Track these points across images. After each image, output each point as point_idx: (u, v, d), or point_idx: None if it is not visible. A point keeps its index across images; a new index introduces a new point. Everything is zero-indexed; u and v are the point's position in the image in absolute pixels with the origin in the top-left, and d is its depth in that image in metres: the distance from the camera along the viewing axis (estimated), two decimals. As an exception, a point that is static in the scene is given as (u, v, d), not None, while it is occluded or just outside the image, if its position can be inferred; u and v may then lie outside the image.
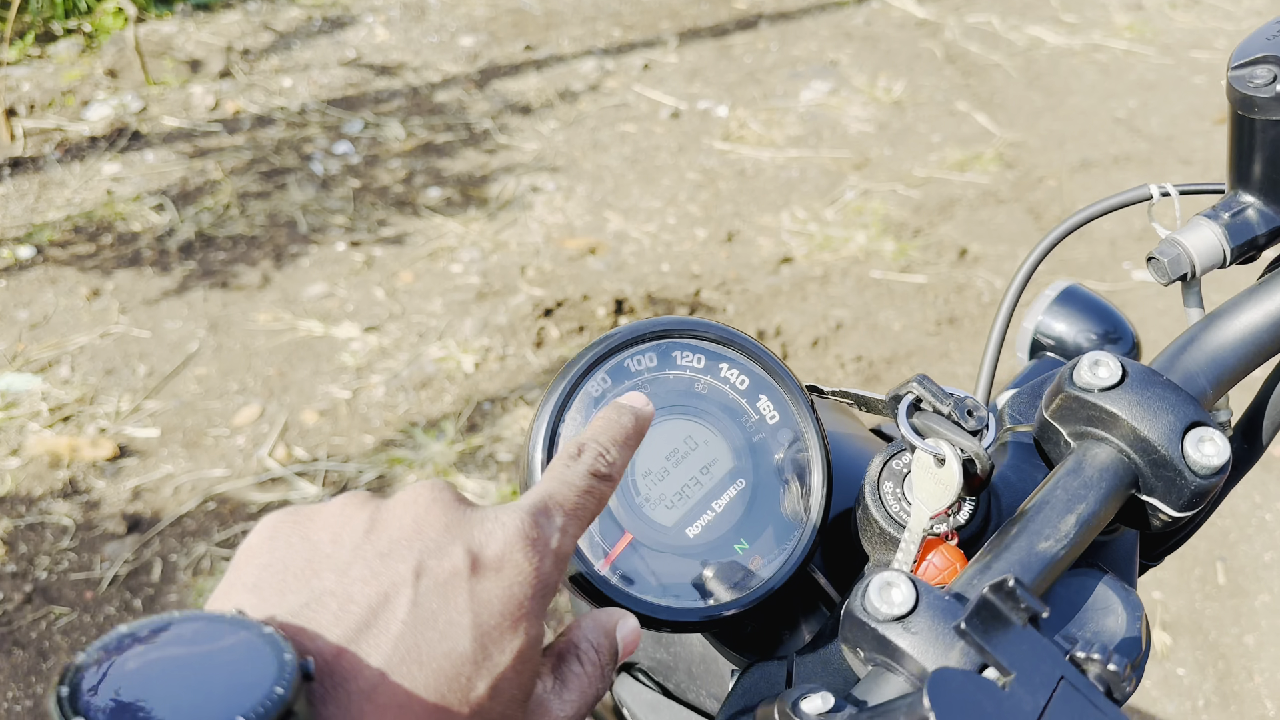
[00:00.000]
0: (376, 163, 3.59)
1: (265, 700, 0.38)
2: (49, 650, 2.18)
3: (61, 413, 2.68)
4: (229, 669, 0.39)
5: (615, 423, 0.56)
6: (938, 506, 0.57)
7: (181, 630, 0.41)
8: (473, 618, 0.45)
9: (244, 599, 0.45)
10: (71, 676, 0.39)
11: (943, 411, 0.57)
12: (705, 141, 3.73)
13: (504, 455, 2.58)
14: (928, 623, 0.48)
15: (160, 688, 0.39)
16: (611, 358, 0.65)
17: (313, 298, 3.04)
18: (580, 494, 0.52)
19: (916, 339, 2.93)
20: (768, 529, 0.65)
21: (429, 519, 0.48)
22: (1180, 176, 3.56)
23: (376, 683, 0.43)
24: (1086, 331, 0.94)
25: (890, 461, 0.63)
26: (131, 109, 3.80)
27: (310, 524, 0.48)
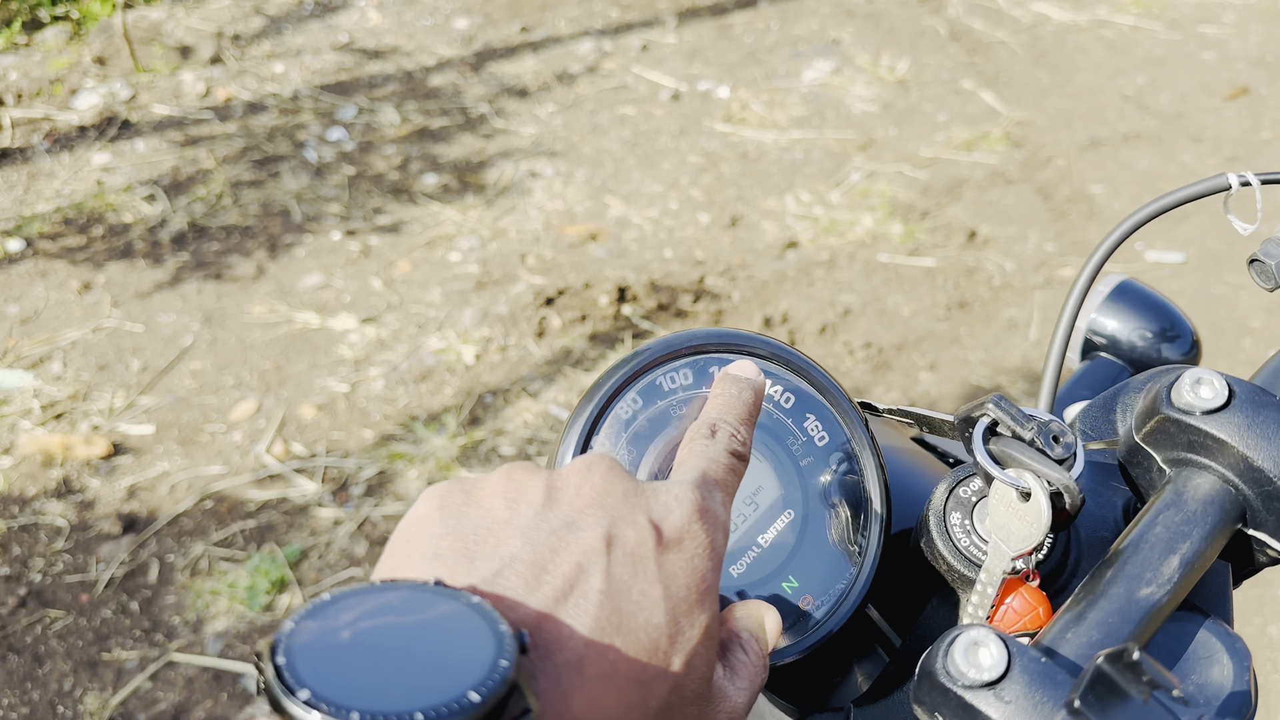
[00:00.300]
0: (371, 149, 3.51)
1: (492, 674, 0.36)
2: (45, 655, 2.13)
3: (54, 410, 2.61)
4: (445, 641, 0.38)
5: (738, 399, 0.55)
6: (1021, 546, 0.51)
7: (386, 599, 0.39)
8: (663, 590, 0.44)
9: (427, 569, 0.43)
10: (283, 647, 0.37)
11: (1024, 437, 0.51)
12: (706, 124, 3.66)
13: (507, 449, 2.52)
14: (1023, 690, 0.43)
15: (379, 660, 0.37)
16: (643, 376, 0.59)
17: (308, 289, 2.98)
18: (726, 471, 0.51)
19: (926, 324, 2.87)
20: (818, 564, 0.59)
21: (608, 489, 0.47)
22: (1192, 155, 3.50)
23: (582, 654, 0.41)
24: (1142, 329, 0.87)
25: (956, 489, 0.57)
26: (121, 97, 3.72)
27: (480, 492, 0.47)
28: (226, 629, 2.16)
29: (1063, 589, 0.57)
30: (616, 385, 0.59)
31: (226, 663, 2.09)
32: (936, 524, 0.57)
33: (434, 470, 2.47)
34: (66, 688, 2.07)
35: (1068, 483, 0.50)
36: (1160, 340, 0.87)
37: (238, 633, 2.15)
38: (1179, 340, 0.87)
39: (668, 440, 0.59)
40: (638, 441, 0.58)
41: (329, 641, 0.37)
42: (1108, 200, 3.30)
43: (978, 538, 0.56)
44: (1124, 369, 0.87)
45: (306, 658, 0.36)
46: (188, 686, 2.06)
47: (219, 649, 2.12)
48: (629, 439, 0.58)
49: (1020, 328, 2.86)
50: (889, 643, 0.61)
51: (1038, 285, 2.99)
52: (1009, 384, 2.69)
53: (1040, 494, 0.50)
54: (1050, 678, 0.43)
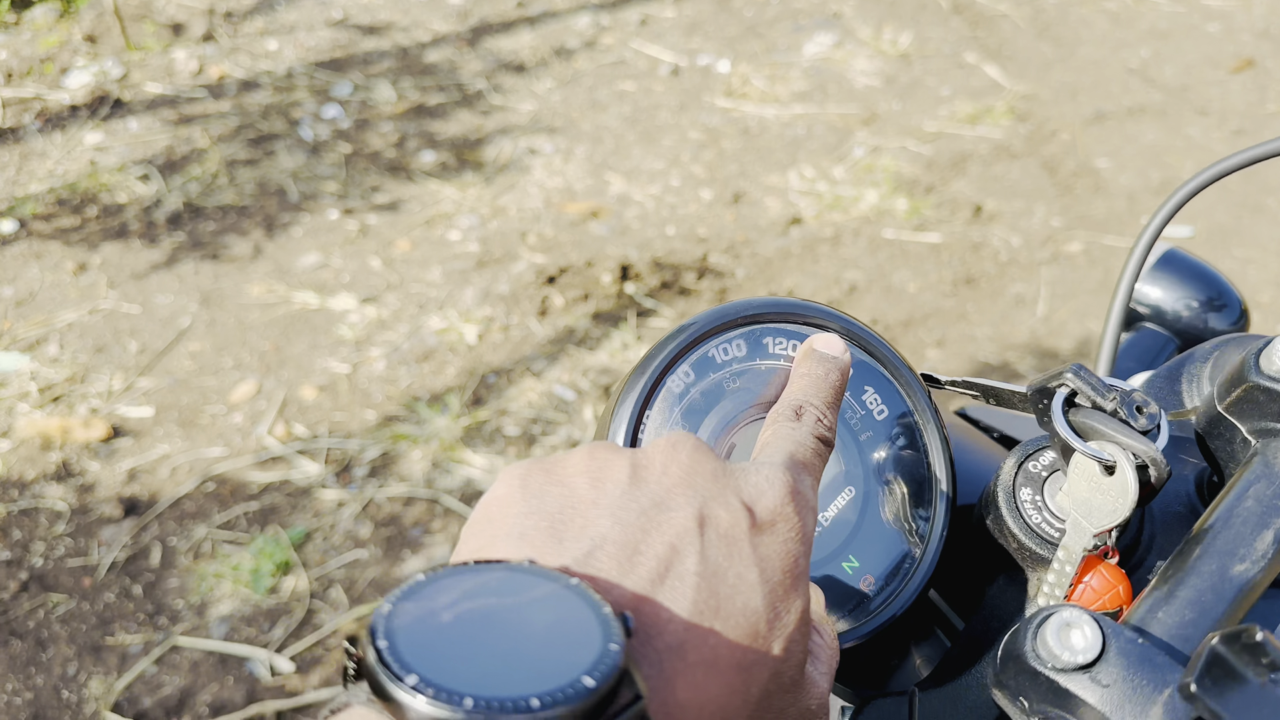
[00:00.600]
0: (367, 127, 3.47)
1: (604, 659, 0.35)
2: (48, 640, 2.11)
3: (51, 393, 2.58)
4: (549, 624, 0.36)
5: (825, 381, 0.52)
6: (1105, 522, 0.48)
7: (483, 580, 0.38)
8: (759, 573, 0.42)
9: (514, 549, 0.41)
10: (383, 630, 0.35)
11: (1105, 408, 0.48)
12: (707, 99, 3.62)
13: (511, 429, 2.50)
14: (1121, 673, 0.40)
15: (484, 643, 0.35)
16: (695, 348, 0.56)
17: (307, 268, 2.94)
18: (813, 455, 0.49)
19: (933, 300, 2.85)
20: (877, 543, 0.56)
21: (696, 469, 0.45)
22: (1198, 128, 3.47)
23: (683, 639, 0.40)
24: (1188, 299, 0.84)
25: (1026, 464, 0.55)
26: (112, 76, 3.66)
27: (562, 471, 0.45)
28: (231, 612, 2.13)
29: (1138, 566, 0.54)
30: (669, 358, 0.56)
31: (232, 646, 2.06)
32: (1006, 500, 0.54)
33: (438, 451, 2.44)
34: (70, 672, 2.04)
35: (1154, 455, 0.47)
36: (1207, 310, 0.84)
37: (243, 616, 2.12)
38: (1227, 309, 0.84)
39: (722, 415, 0.56)
40: (691, 416, 0.56)
41: (431, 624, 0.35)
42: (1114, 174, 3.27)
43: (1050, 514, 0.53)
44: (1169, 340, 0.84)
45: (409, 640, 0.34)
46: (193, 670, 2.04)
47: (224, 632, 2.10)
48: (682, 413, 0.56)
49: (1028, 303, 2.84)
50: (949, 625, 0.59)
51: (1044, 260, 2.97)
52: (1017, 360, 2.66)
53: (1126, 467, 0.47)
54: (1150, 660, 0.41)
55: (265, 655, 2.05)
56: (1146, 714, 0.39)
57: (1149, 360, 0.81)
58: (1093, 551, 0.50)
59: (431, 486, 2.35)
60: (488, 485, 2.35)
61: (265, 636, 2.09)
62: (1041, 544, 0.53)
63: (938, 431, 0.57)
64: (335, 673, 2.03)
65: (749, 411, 0.56)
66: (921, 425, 0.58)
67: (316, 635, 2.08)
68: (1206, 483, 0.57)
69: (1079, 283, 2.90)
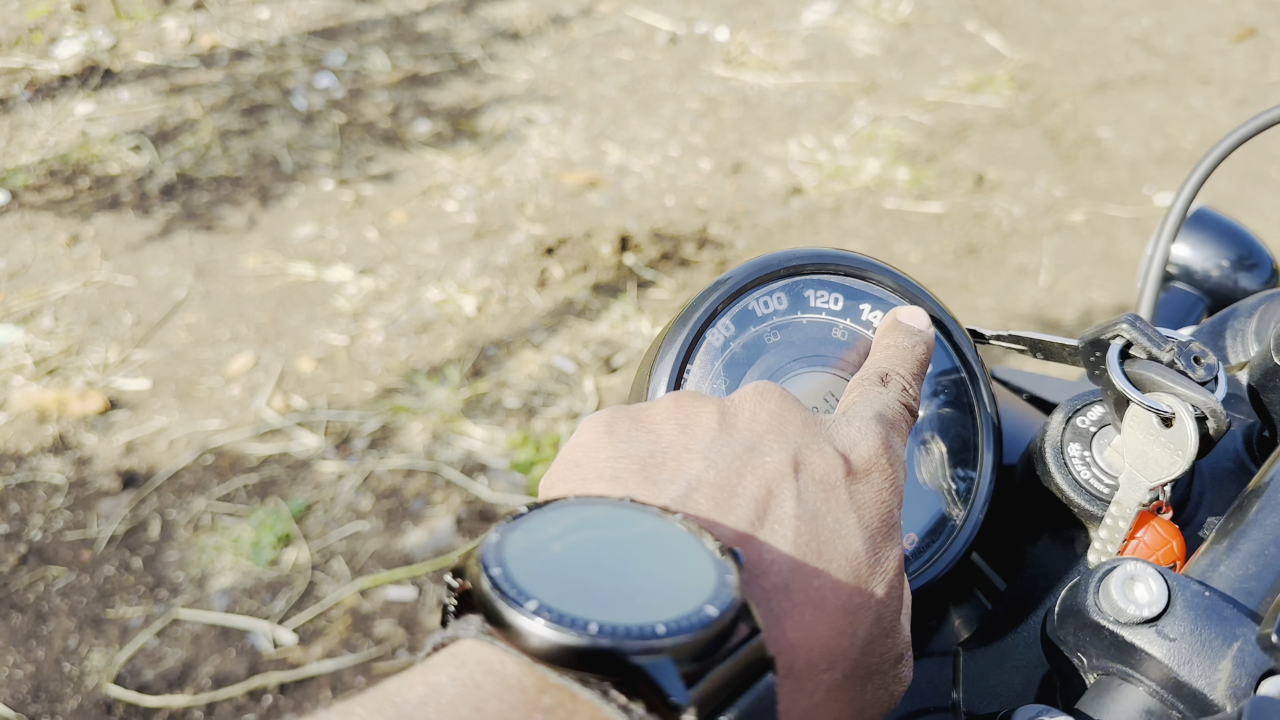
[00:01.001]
0: (361, 96, 3.42)
1: (722, 590, 0.34)
2: (48, 613, 2.09)
3: (46, 365, 2.55)
4: (660, 557, 0.35)
5: (911, 353, 0.52)
6: (1163, 475, 0.47)
7: (587, 514, 0.37)
8: (857, 519, 0.42)
9: (606, 490, 0.40)
10: (494, 557, 0.34)
11: (1162, 359, 0.47)
12: (705, 67, 3.58)
13: (511, 401, 2.48)
14: (1188, 626, 0.39)
15: (599, 573, 0.34)
16: (735, 301, 0.55)
17: (302, 239, 2.91)
18: (900, 418, 0.48)
19: (935, 271, 2.83)
20: (917, 503, 0.55)
21: (787, 416, 0.44)
22: (1200, 97, 3.45)
23: (787, 579, 0.39)
24: (1218, 258, 0.83)
25: (1074, 419, 0.53)
26: (102, 45, 3.61)
27: (648, 418, 0.44)
28: (232, 584, 2.12)
29: (1188, 521, 0.53)
30: (709, 311, 0.54)
31: (233, 618, 2.05)
32: (1054, 456, 0.53)
33: (437, 423, 2.43)
34: (71, 645, 2.03)
35: (1214, 406, 0.46)
36: (1237, 269, 0.82)
37: (244, 588, 2.11)
38: (1258, 269, 0.83)
39: (764, 368, 0.55)
40: (732, 369, 0.54)
41: (543, 553, 0.34)
42: (1116, 143, 3.25)
43: (1099, 470, 0.52)
44: (1199, 300, 0.83)
45: (523, 568, 0.33)
46: (195, 642, 2.03)
47: (225, 605, 2.09)
48: (723, 366, 0.54)
49: (1030, 273, 2.82)
50: (988, 586, 0.57)
51: (1047, 230, 2.95)
52: (1021, 330, 2.65)
53: (1186, 418, 0.46)
54: (1218, 612, 0.39)
55: (267, 627, 2.04)
56: (1216, 667, 0.38)
57: (1178, 321, 0.80)
58: (1146, 507, 0.48)
59: (432, 459, 2.34)
60: (488, 457, 2.34)
61: (267, 608, 2.08)
62: (1091, 500, 0.52)
63: (985, 389, 0.56)
64: (338, 644, 2.02)
65: (791, 366, 0.55)
66: (969, 382, 0.56)
67: (318, 607, 2.07)
68: (1257, 437, 0.56)
69: (1081, 252, 2.89)
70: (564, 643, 0.31)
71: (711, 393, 0.55)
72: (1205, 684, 0.39)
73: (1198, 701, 0.39)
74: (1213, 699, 0.39)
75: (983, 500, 0.55)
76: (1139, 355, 0.48)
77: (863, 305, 0.56)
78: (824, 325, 0.56)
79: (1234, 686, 0.39)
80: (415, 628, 2.05)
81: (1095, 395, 0.54)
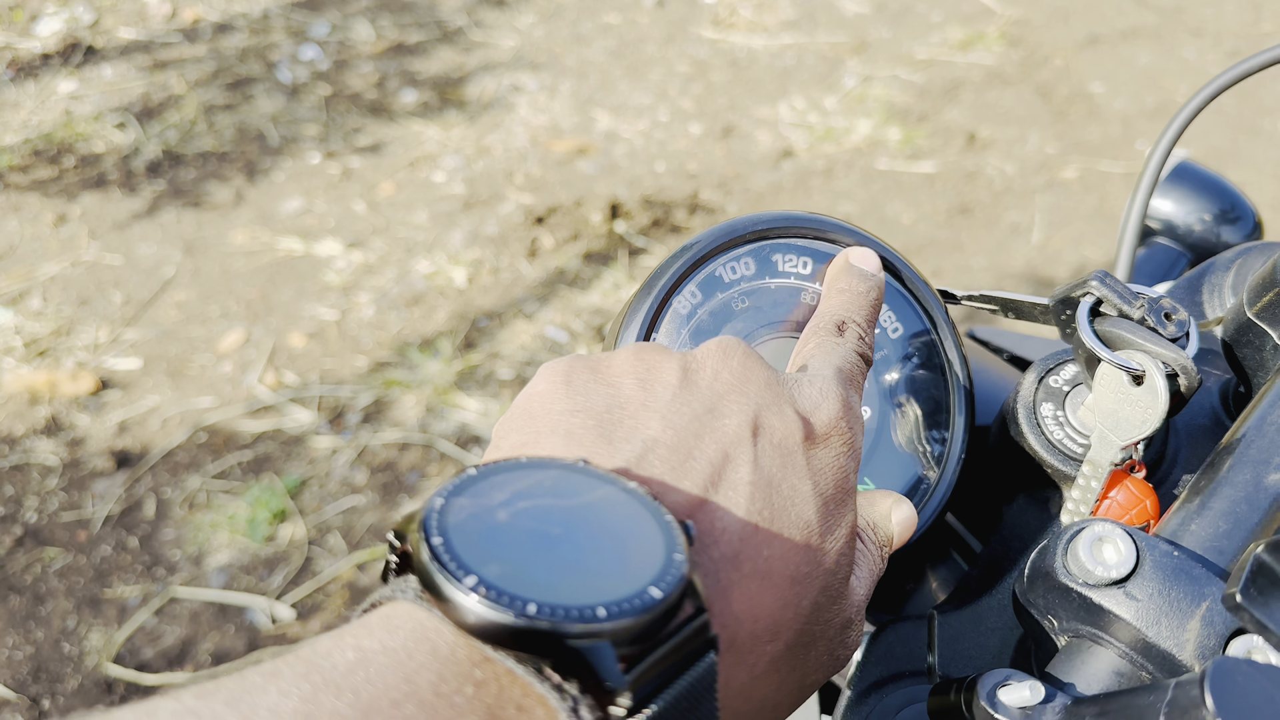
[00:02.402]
0: (346, 67, 3.39)
1: (669, 569, 0.33)
2: (46, 595, 2.10)
3: (37, 347, 2.54)
4: (608, 528, 0.34)
5: (866, 298, 0.50)
6: (1134, 434, 0.46)
7: (537, 479, 0.35)
8: (813, 486, 0.41)
9: (561, 447, 0.39)
10: (436, 525, 0.33)
11: (1132, 316, 0.46)
12: (693, 30, 3.54)
13: (505, 373, 2.47)
14: (1157, 586, 0.38)
15: (543, 546, 0.33)
16: (701, 267, 0.54)
17: (290, 214, 2.89)
18: (858, 371, 0.47)
19: (928, 231, 2.81)
20: (892, 466, 0.54)
21: (750, 375, 0.43)
22: (1193, 50, 3.41)
23: (737, 549, 0.38)
24: (1200, 212, 0.82)
25: (1046, 378, 0.52)
26: (84, 22, 3.56)
27: (608, 370, 0.43)
28: (229, 561, 2.12)
29: (1163, 480, 0.53)
30: (674, 279, 0.53)
31: (231, 595, 2.06)
32: (1027, 416, 0.52)
33: (431, 396, 2.42)
34: (70, 626, 2.04)
35: (1185, 363, 0.45)
36: (1220, 223, 0.81)
37: (241, 565, 2.12)
38: (1240, 222, 0.82)
39: (733, 335, 0.54)
40: (699, 337, 0.54)
41: (486, 522, 0.33)
42: (1108, 99, 3.22)
43: (1072, 429, 0.51)
44: (1181, 254, 0.82)
45: (465, 538, 0.32)
46: (193, 620, 2.04)
47: (222, 582, 2.09)
48: (690, 334, 0.54)
49: (1023, 231, 2.81)
50: (965, 547, 0.57)
51: (1039, 188, 2.93)
52: (1015, 288, 2.64)
53: (1156, 375, 0.45)
54: (1186, 572, 0.39)
55: (265, 603, 2.04)
56: (1184, 627, 0.38)
57: (1161, 276, 0.79)
58: (1119, 466, 0.48)
59: (426, 431, 2.33)
60: (483, 429, 2.33)
61: (264, 585, 2.08)
62: (1064, 460, 0.51)
63: (956, 350, 0.55)
64: (337, 618, 2.03)
65: (759, 332, 0.54)
66: (940, 343, 0.55)
67: (316, 582, 2.07)
68: (1233, 393, 0.55)
69: (1074, 209, 2.87)
70: (501, 621, 0.30)
71: None
72: (1174, 645, 0.39)
73: (1167, 662, 0.39)
74: (1181, 659, 0.39)
75: (955, 462, 0.54)
76: (1109, 313, 0.47)
77: None
78: (793, 290, 0.55)
79: (1202, 646, 0.38)
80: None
81: (1068, 354, 0.53)
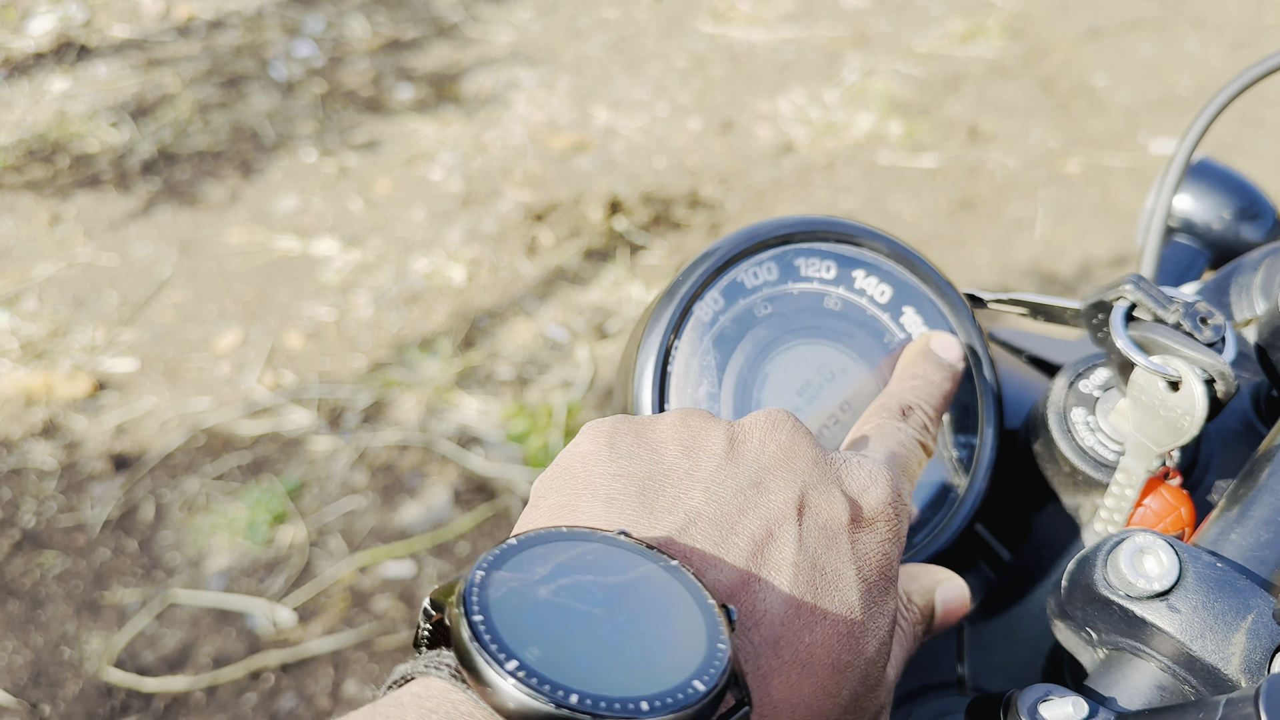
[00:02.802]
0: (341, 64, 3.37)
1: (713, 660, 0.32)
2: (44, 599, 2.08)
3: (33, 349, 2.52)
4: (651, 611, 0.33)
5: (939, 388, 0.49)
6: (1171, 441, 0.45)
7: (579, 552, 0.34)
8: (856, 571, 0.39)
9: (601, 513, 0.38)
10: (477, 601, 0.32)
11: (1168, 320, 0.44)
12: (691, 24, 3.52)
13: (505, 372, 2.46)
14: (1200, 599, 0.37)
15: (586, 629, 0.32)
16: (724, 273, 0.52)
17: (286, 213, 2.87)
18: (914, 461, 0.46)
19: (931, 226, 2.80)
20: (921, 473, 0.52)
21: (797, 450, 0.41)
22: (1195, 42, 3.39)
23: (779, 633, 0.37)
24: (1219, 209, 0.80)
25: (1076, 383, 0.51)
26: (76, 20, 3.54)
27: (652, 435, 0.41)
28: (229, 564, 2.11)
29: (1196, 486, 0.51)
30: (697, 284, 0.52)
31: (231, 598, 2.04)
32: (1057, 423, 0.51)
33: (430, 396, 2.40)
34: (70, 630, 2.02)
35: (1223, 368, 0.43)
36: (1239, 220, 0.80)
37: (241, 568, 2.10)
38: (1260, 220, 0.80)
39: (756, 343, 0.53)
40: (722, 344, 0.53)
41: (528, 599, 0.32)
42: (1110, 91, 3.20)
43: (1104, 435, 0.50)
44: (1200, 253, 0.80)
45: (506, 617, 0.31)
46: (193, 624, 2.02)
47: (222, 585, 2.08)
48: (712, 341, 0.52)
49: (1026, 226, 2.79)
50: (992, 556, 0.55)
51: (1042, 182, 2.91)
52: (1017, 284, 2.62)
53: (1194, 381, 0.43)
54: (1230, 584, 0.38)
55: (265, 606, 2.02)
56: (1229, 641, 0.37)
57: (1180, 275, 0.77)
58: (1154, 473, 0.46)
59: (426, 432, 2.32)
60: (483, 429, 2.32)
61: (264, 587, 2.06)
62: (1096, 467, 0.50)
63: (984, 355, 0.54)
64: (338, 621, 2.01)
65: (783, 338, 0.53)
66: (967, 348, 0.54)
67: (316, 585, 2.05)
68: (1265, 397, 0.54)
69: (1077, 203, 2.85)
70: (542, 710, 0.29)
71: (701, 369, 0.52)
72: (1219, 658, 0.38)
73: (1211, 676, 0.38)
74: (1226, 673, 0.38)
75: (985, 470, 0.53)
76: (1144, 317, 0.46)
77: (855, 272, 0.54)
78: (816, 295, 0.54)
79: (1248, 660, 0.37)
80: (414, 602, 2.04)
81: (1098, 358, 0.52)
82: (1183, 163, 0.62)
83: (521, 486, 2.19)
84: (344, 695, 1.90)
